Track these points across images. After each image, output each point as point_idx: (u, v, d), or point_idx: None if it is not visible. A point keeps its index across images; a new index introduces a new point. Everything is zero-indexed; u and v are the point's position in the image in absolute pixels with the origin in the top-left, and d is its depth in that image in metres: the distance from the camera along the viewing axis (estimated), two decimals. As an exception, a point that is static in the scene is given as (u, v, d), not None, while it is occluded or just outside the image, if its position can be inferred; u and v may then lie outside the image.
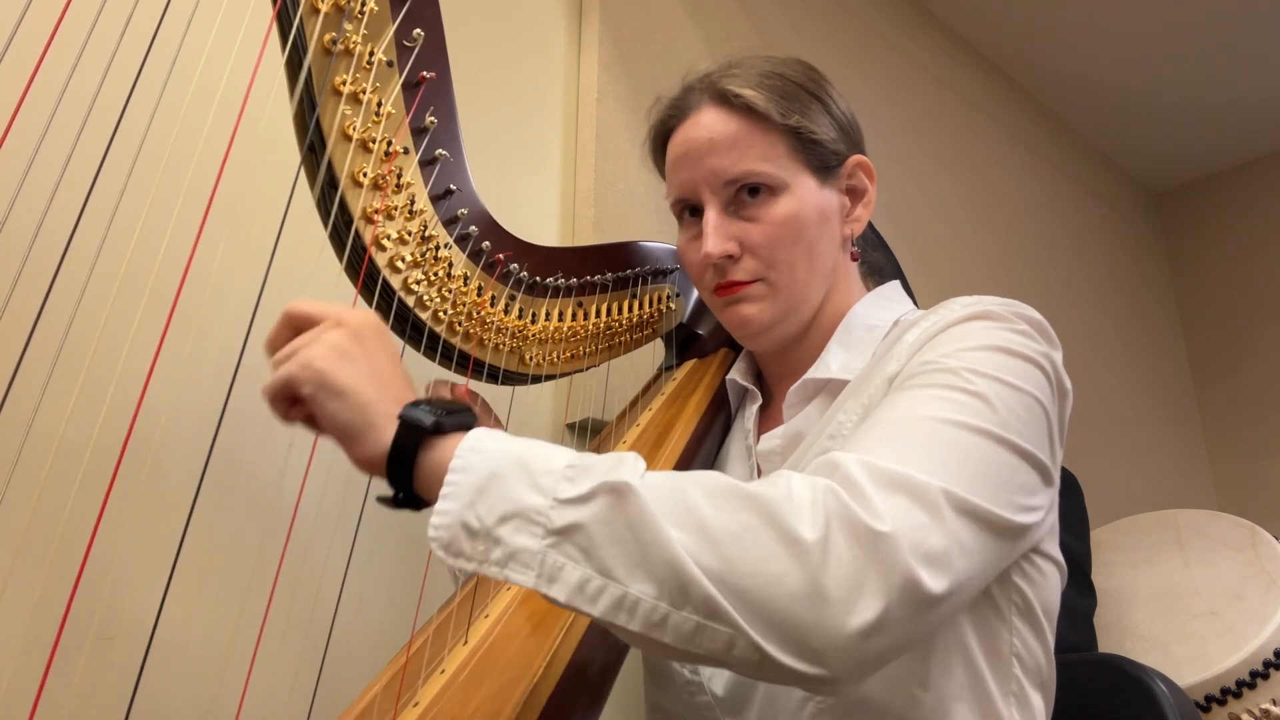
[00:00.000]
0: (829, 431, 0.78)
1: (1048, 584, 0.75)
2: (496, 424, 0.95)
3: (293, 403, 0.62)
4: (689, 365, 1.08)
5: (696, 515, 0.55)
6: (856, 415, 0.76)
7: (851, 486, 0.56)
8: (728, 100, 0.86)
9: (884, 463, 0.58)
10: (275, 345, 0.65)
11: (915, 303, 0.95)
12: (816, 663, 0.52)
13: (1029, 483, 0.65)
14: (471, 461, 0.57)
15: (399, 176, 0.78)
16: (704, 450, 0.93)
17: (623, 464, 0.57)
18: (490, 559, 0.55)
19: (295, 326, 0.65)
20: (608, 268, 1.00)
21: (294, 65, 0.71)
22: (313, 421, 0.63)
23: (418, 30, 0.77)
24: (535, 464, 0.57)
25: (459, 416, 0.61)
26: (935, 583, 0.54)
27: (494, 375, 0.91)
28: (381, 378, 0.61)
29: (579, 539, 0.55)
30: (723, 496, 0.56)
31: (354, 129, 0.74)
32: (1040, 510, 0.66)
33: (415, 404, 0.60)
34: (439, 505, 0.56)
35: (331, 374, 0.59)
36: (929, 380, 0.67)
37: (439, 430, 0.59)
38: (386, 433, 0.59)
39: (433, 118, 0.79)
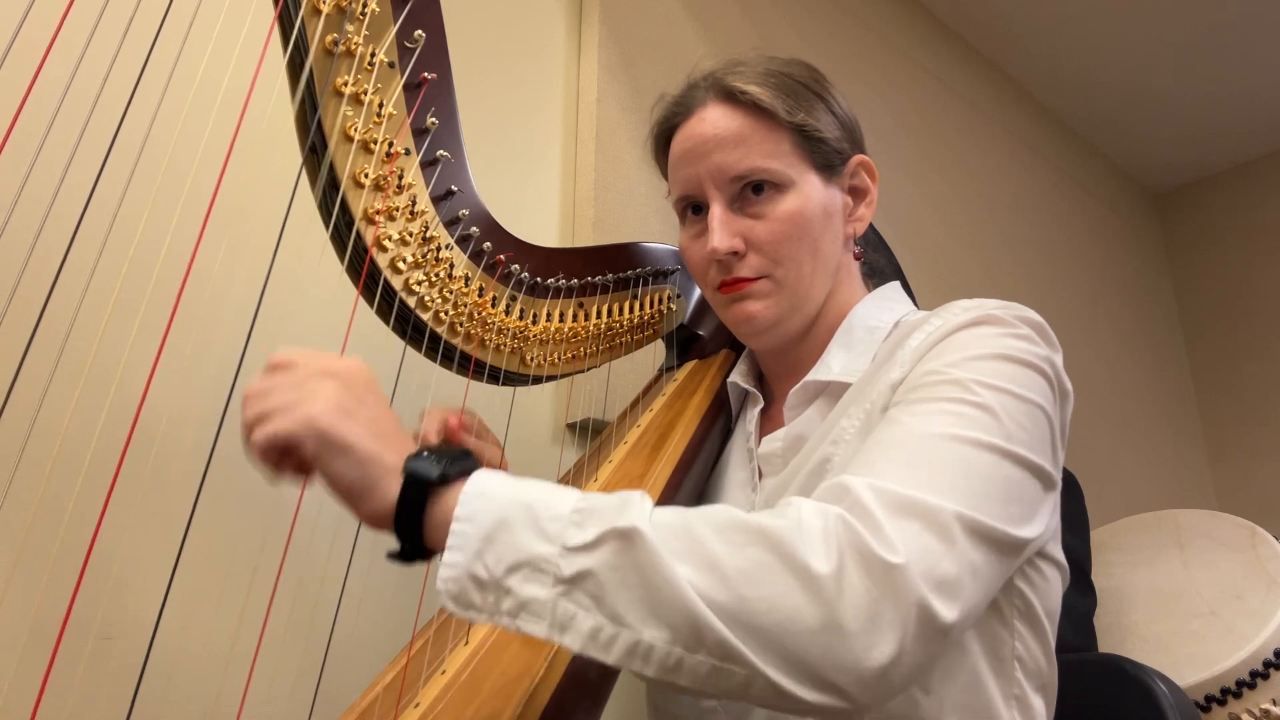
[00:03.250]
0: (831, 437, 0.78)
1: (1050, 587, 0.75)
2: (495, 443, 0.95)
3: (283, 455, 0.60)
4: (690, 366, 1.08)
5: (707, 552, 0.54)
6: (859, 421, 0.76)
7: (863, 513, 0.56)
8: (733, 97, 0.86)
9: (894, 486, 0.58)
10: (254, 394, 0.61)
11: (915, 303, 0.95)
12: (837, 696, 0.52)
13: (1033, 495, 0.65)
14: (477, 509, 0.56)
15: (400, 177, 0.78)
16: (704, 451, 0.93)
17: (629, 505, 0.56)
18: (501, 610, 0.55)
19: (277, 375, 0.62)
20: (608, 268, 1.00)
21: (295, 66, 0.71)
22: (301, 471, 0.61)
23: (419, 31, 0.77)
24: (541, 509, 0.56)
25: (463, 463, 0.59)
26: (947, 611, 0.54)
27: (495, 376, 0.91)
28: (381, 431, 0.59)
29: (589, 586, 0.54)
30: (733, 532, 0.55)
31: (355, 130, 0.74)
32: (1043, 519, 0.66)
33: (418, 455, 0.59)
34: (446, 557, 0.55)
35: (335, 430, 0.57)
36: (934, 393, 0.67)
37: (444, 480, 0.58)
38: (392, 488, 0.57)
39: (434, 119, 0.79)
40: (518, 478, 0.59)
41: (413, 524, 0.57)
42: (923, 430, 0.64)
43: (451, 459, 0.59)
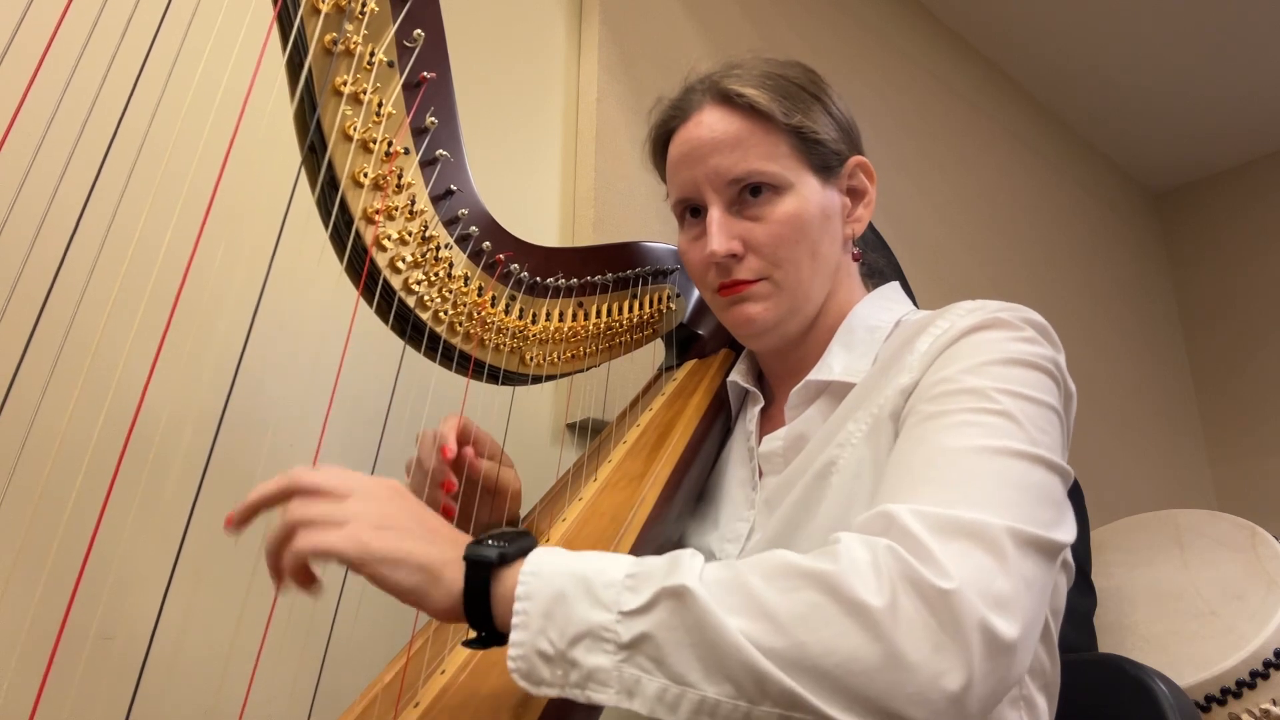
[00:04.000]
0: (837, 440, 0.78)
1: (1057, 588, 0.75)
2: (507, 461, 0.94)
3: (301, 566, 0.62)
4: (689, 366, 1.08)
5: (758, 601, 0.54)
6: (866, 425, 0.76)
7: (910, 541, 0.56)
8: (730, 100, 0.86)
9: (937, 509, 0.58)
10: (270, 502, 0.65)
11: (915, 303, 0.95)
12: None
13: (1060, 497, 0.65)
14: (534, 587, 0.57)
15: (399, 177, 0.78)
16: (704, 451, 0.93)
17: (679, 564, 0.57)
18: (570, 682, 0.55)
19: (301, 494, 0.64)
20: (608, 268, 1.00)
21: (295, 66, 0.71)
22: (309, 584, 0.63)
23: (418, 31, 0.77)
24: (595, 578, 0.57)
25: (520, 542, 0.61)
26: (1009, 628, 0.54)
27: (494, 375, 0.91)
28: (428, 531, 0.61)
29: (649, 649, 0.54)
30: (783, 577, 0.55)
31: (354, 129, 0.74)
32: (1071, 521, 0.66)
33: (476, 542, 0.61)
34: (512, 637, 0.56)
35: (386, 549, 0.58)
36: (954, 404, 0.67)
37: (504, 561, 0.59)
38: (456, 580, 0.59)
39: (433, 118, 0.79)
40: (574, 552, 0.60)
41: (481, 608, 0.58)
42: (952, 445, 0.64)
43: (508, 539, 0.61)
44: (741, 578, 0.56)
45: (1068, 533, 0.63)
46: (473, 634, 0.60)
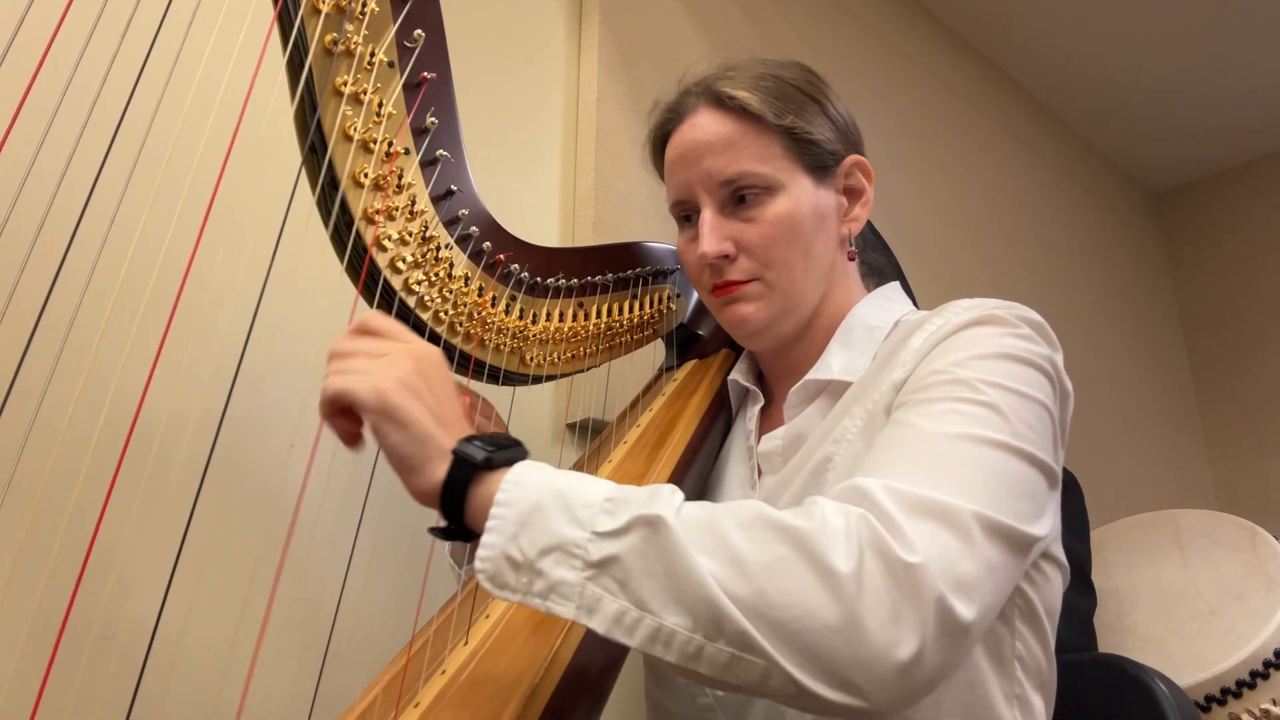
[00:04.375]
0: (833, 436, 0.78)
1: (1051, 586, 0.75)
2: (499, 424, 0.95)
3: (342, 412, 0.63)
4: (689, 366, 1.08)
5: (729, 546, 0.55)
6: (861, 421, 0.76)
7: (882, 515, 0.56)
8: (723, 102, 0.87)
9: (910, 487, 0.58)
10: (339, 350, 0.65)
11: (915, 303, 0.95)
12: (856, 695, 0.53)
13: (1041, 492, 0.65)
14: (515, 495, 0.59)
15: (400, 177, 0.78)
16: (704, 451, 0.93)
17: (658, 496, 0.58)
18: (533, 590, 0.57)
19: (365, 336, 0.66)
20: (608, 268, 1.00)
21: (295, 66, 0.71)
22: (351, 440, 0.64)
23: (418, 31, 0.77)
24: (574, 497, 0.59)
25: (509, 451, 0.63)
26: (966, 610, 0.54)
27: (494, 376, 0.91)
28: (443, 414, 0.63)
29: (615, 571, 0.56)
30: (757, 527, 0.56)
31: (355, 130, 0.74)
32: (1050, 517, 0.66)
33: (469, 439, 0.62)
34: (484, 538, 0.58)
35: (399, 406, 0.60)
36: (941, 393, 0.67)
37: (490, 465, 0.61)
38: (441, 467, 0.61)
39: (433, 118, 0.79)
40: (559, 470, 0.62)
41: (456, 503, 0.60)
42: (933, 430, 0.64)
43: (499, 447, 0.62)
44: (717, 521, 0.57)
45: (1043, 527, 0.63)
46: (441, 523, 0.62)
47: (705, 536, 0.56)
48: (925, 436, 0.64)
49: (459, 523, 0.61)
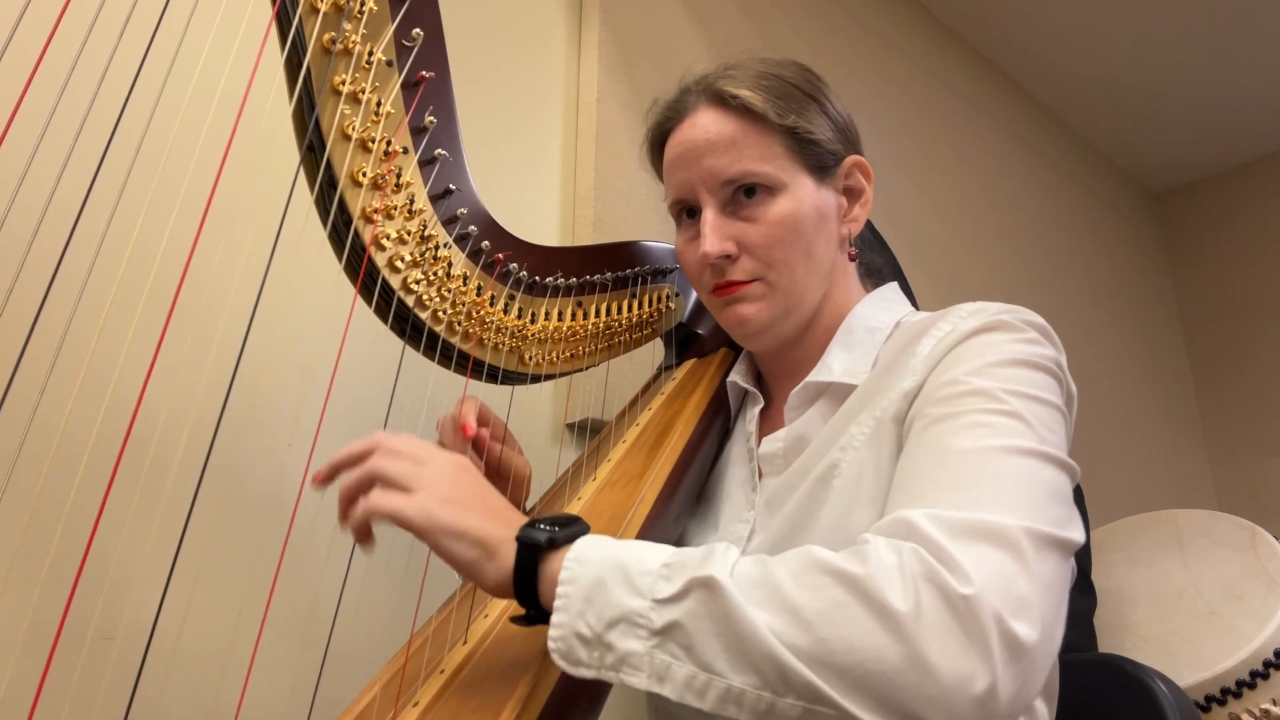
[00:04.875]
0: (840, 443, 0.78)
1: None
2: (497, 425, 0.95)
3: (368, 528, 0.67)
4: (688, 365, 1.08)
5: (785, 597, 0.55)
6: (869, 428, 0.76)
7: (933, 546, 0.56)
8: (724, 101, 0.87)
9: (955, 512, 0.58)
10: (353, 459, 0.68)
11: (915, 304, 0.95)
12: None
13: (1069, 494, 0.65)
14: (577, 572, 0.60)
15: (398, 176, 0.78)
16: (703, 450, 0.93)
17: (712, 556, 0.59)
18: (605, 664, 0.58)
19: (382, 452, 0.68)
20: (607, 267, 0.99)
21: (293, 65, 0.71)
22: (364, 539, 0.67)
23: (417, 30, 0.77)
24: (633, 566, 0.59)
25: (570, 529, 0.64)
26: (1029, 632, 0.54)
27: (493, 375, 0.91)
28: (490, 509, 0.66)
29: (679, 637, 0.56)
30: (811, 575, 0.56)
31: (353, 128, 0.74)
32: (1080, 519, 0.66)
33: (530, 524, 0.64)
34: (554, 619, 0.60)
35: (450, 521, 0.63)
36: (962, 405, 0.67)
37: (553, 545, 0.62)
38: (508, 559, 0.63)
39: (432, 117, 0.79)
40: (620, 541, 0.63)
41: (529, 587, 0.62)
42: (963, 446, 0.64)
43: (560, 524, 0.64)
44: (771, 573, 0.57)
45: (1079, 531, 0.63)
46: (520, 611, 0.64)
47: (760, 591, 0.56)
48: (957, 454, 0.64)
49: (536, 607, 0.63)
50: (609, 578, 0.59)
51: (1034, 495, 0.61)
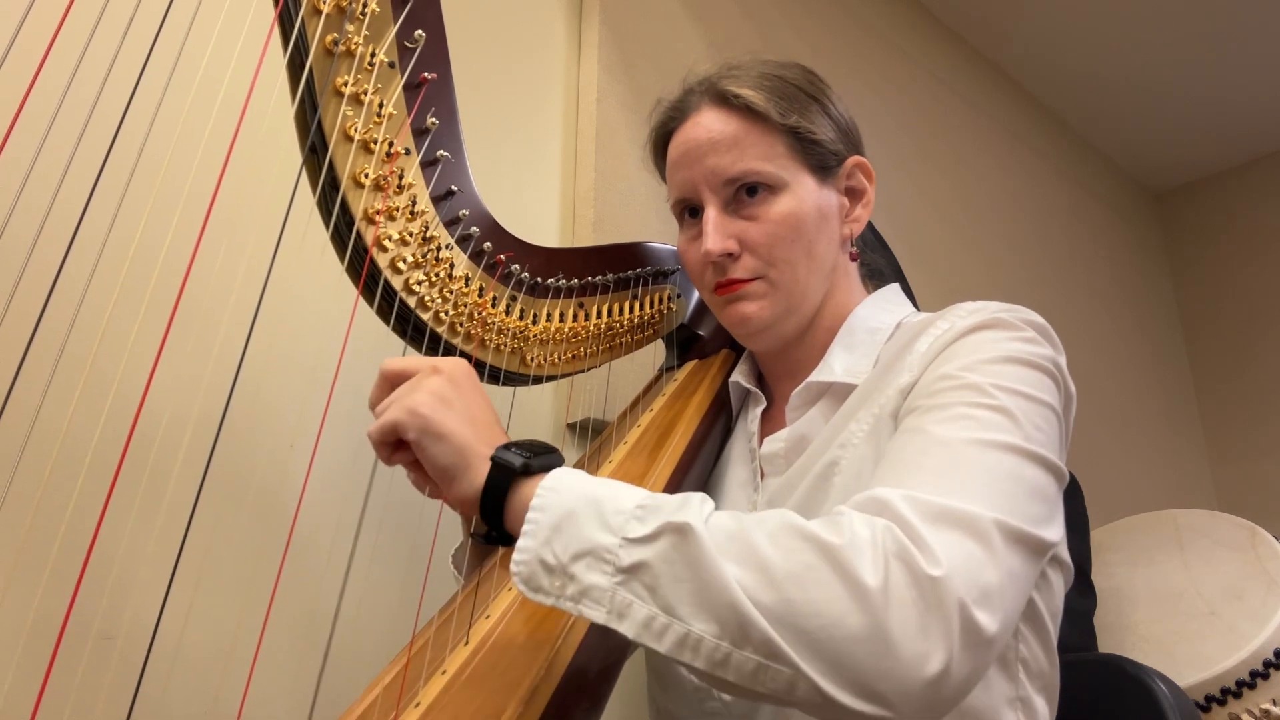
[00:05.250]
0: (839, 441, 0.78)
1: (1054, 589, 0.75)
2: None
3: (397, 446, 0.67)
4: (690, 366, 1.08)
5: (757, 554, 0.56)
6: (867, 426, 0.76)
7: (905, 526, 0.57)
8: (727, 101, 0.87)
9: (930, 496, 0.58)
10: (375, 401, 0.70)
11: (915, 305, 0.95)
12: (883, 705, 0.52)
13: (1052, 495, 0.65)
14: (549, 500, 0.60)
15: (400, 177, 0.78)
16: (705, 451, 0.93)
17: (689, 504, 0.59)
18: (565, 594, 0.58)
19: (392, 382, 0.70)
20: (609, 268, 1.00)
21: (295, 66, 0.71)
22: (415, 466, 0.68)
23: (419, 31, 0.77)
24: (607, 504, 0.60)
25: (545, 458, 0.65)
26: (990, 621, 0.55)
27: (495, 376, 0.91)
28: (477, 422, 0.66)
29: (645, 577, 0.57)
30: (785, 536, 0.57)
31: (355, 130, 0.74)
32: (1061, 520, 0.66)
33: (506, 446, 0.65)
34: (519, 542, 0.60)
35: (434, 419, 0.64)
36: (952, 398, 0.67)
37: (527, 471, 0.63)
38: (481, 474, 0.64)
39: (434, 119, 0.79)
40: (594, 477, 0.64)
41: (495, 508, 0.63)
42: (948, 436, 0.64)
43: (536, 453, 0.65)
44: (745, 529, 0.57)
45: (1056, 531, 0.64)
46: (484, 528, 0.65)
47: (733, 544, 0.56)
48: (940, 443, 0.64)
49: (500, 528, 0.63)
50: (581, 511, 0.59)
51: (1011, 490, 0.61)
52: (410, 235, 0.79)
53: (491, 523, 0.64)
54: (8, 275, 0.83)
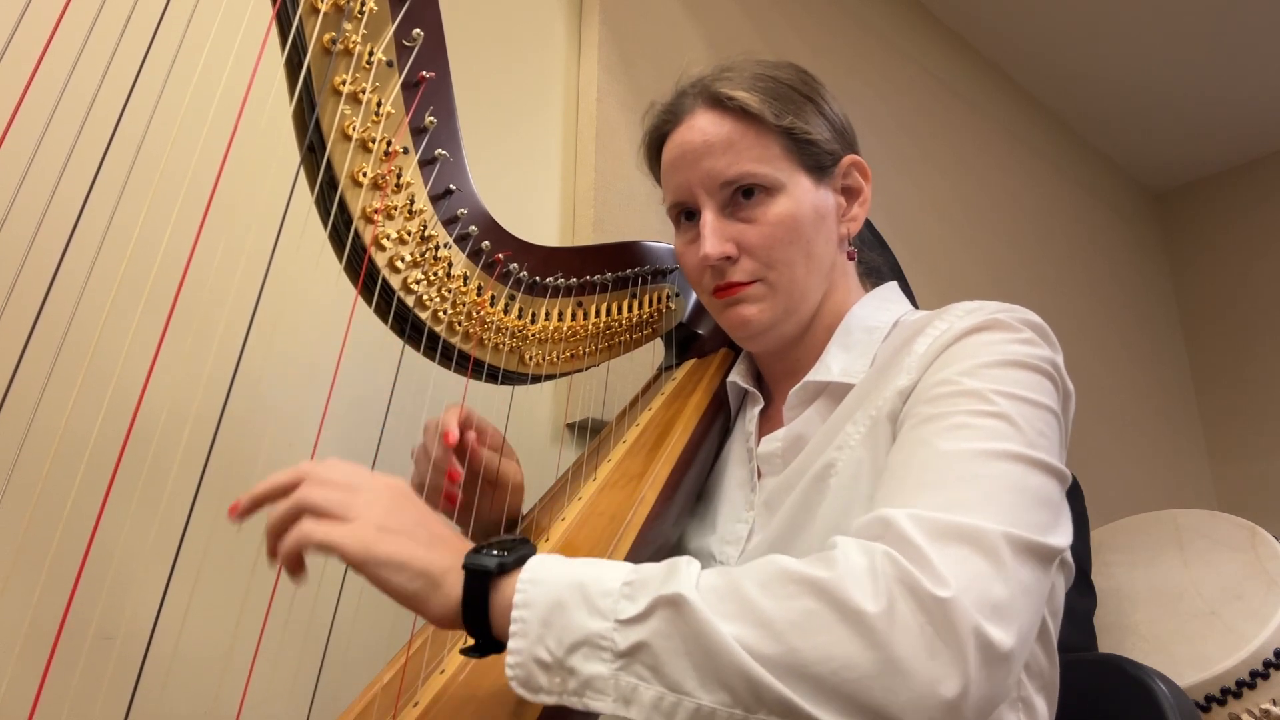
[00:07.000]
0: (836, 442, 0.78)
1: (1055, 589, 0.75)
2: (496, 434, 0.94)
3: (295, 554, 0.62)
4: (689, 365, 1.08)
5: (753, 608, 0.54)
6: (865, 427, 0.76)
7: (908, 547, 0.55)
8: (721, 103, 0.87)
9: (935, 513, 0.58)
10: (279, 494, 0.65)
11: (914, 303, 0.95)
12: None
13: (1057, 500, 0.65)
14: (533, 595, 0.57)
15: (398, 176, 0.78)
16: (703, 450, 0.93)
17: (676, 572, 0.57)
18: (567, 690, 0.56)
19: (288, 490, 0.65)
20: (607, 267, 0.99)
21: (293, 65, 0.71)
22: (297, 570, 0.63)
23: (417, 30, 0.77)
24: (592, 586, 0.57)
25: (518, 551, 0.61)
26: (1004, 637, 0.53)
27: (494, 375, 0.91)
28: (430, 535, 0.61)
29: (645, 658, 0.55)
30: (779, 584, 0.55)
31: (353, 129, 0.74)
32: (1068, 524, 0.65)
33: (476, 550, 0.61)
34: (510, 645, 0.57)
35: (388, 554, 0.59)
36: (952, 405, 0.67)
37: (503, 570, 0.59)
38: (455, 587, 0.59)
39: (432, 117, 0.79)
40: (572, 559, 0.60)
41: (479, 616, 0.59)
42: (949, 448, 0.63)
43: (508, 548, 0.61)
44: (737, 584, 0.56)
45: (1064, 537, 0.63)
46: (470, 641, 0.60)
47: (727, 603, 0.55)
48: (943, 455, 0.63)
49: (487, 636, 0.59)
50: (567, 599, 0.57)
51: (1016, 500, 0.60)
52: (408, 234, 0.79)
53: (480, 634, 0.59)
54: (6, 273, 0.83)
